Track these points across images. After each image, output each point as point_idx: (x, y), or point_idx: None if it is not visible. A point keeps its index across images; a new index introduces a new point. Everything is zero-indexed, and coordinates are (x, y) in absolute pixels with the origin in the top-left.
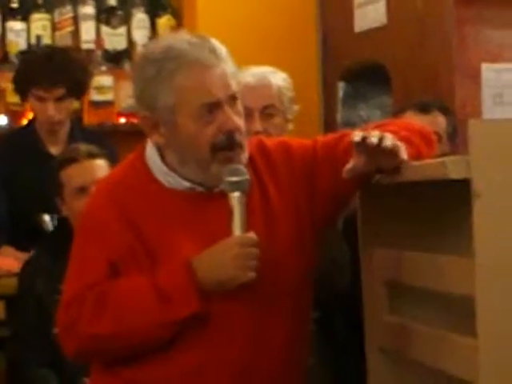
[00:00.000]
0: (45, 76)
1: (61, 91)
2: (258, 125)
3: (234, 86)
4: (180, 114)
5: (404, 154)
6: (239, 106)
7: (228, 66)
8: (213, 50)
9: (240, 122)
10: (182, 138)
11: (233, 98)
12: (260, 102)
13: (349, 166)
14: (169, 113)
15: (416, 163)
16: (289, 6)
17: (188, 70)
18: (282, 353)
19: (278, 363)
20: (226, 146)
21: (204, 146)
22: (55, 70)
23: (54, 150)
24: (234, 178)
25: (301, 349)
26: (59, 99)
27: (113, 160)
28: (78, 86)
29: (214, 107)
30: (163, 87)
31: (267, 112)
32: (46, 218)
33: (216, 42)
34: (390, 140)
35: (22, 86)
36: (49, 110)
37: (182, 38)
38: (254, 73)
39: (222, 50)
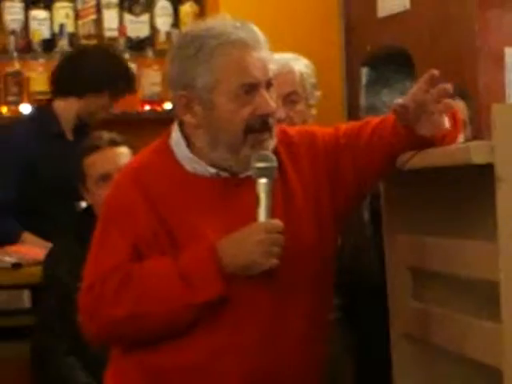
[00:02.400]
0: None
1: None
2: (281, 112)
3: (271, 72)
4: (218, 93)
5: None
6: (274, 92)
7: (266, 51)
8: (253, 33)
9: (275, 107)
10: (217, 117)
11: (270, 83)
12: (283, 88)
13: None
14: (207, 91)
15: (440, 149)
16: None
17: (230, 49)
18: (301, 341)
19: (298, 350)
20: (260, 128)
21: (238, 127)
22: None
23: None
24: (263, 164)
25: (321, 336)
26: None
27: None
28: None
29: (252, 88)
30: (203, 65)
31: (290, 99)
32: (83, 204)
33: (256, 28)
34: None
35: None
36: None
37: (225, 20)
38: (277, 60)
39: (262, 35)
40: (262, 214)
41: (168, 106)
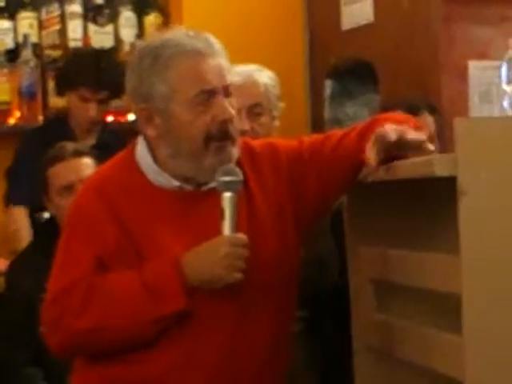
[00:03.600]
0: (93, 78)
1: (105, 94)
2: (245, 124)
3: (229, 79)
4: (175, 102)
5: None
6: (233, 100)
7: (224, 59)
8: (209, 42)
9: (234, 114)
10: (177, 127)
11: (228, 90)
12: (247, 100)
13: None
14: (164, 101)
15: (403, 161)
16: (275, 3)
17: (184, 58)
18: (264, 353)
19: (259, 363)
20: (220, 135)
21: (198, 136)
22: (103, 73)
23: None
24: (228, 178)
25: (283, 349)
26: (102, 101)
27: None
28: (120, 89)
29: (209, 95)
30: (159, 76)
31: (254, 111)
32: (46, 215)
33: (212, 37)
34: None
35: (67, 83)
36: (91, 111)
37: (179, 31)
38: (240, 71)
39: (218, 44)
40: (226, 228)
41: (131, 117)
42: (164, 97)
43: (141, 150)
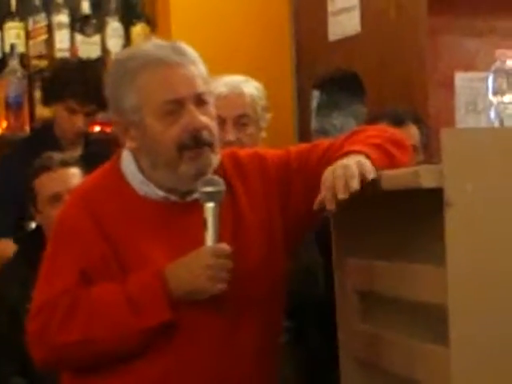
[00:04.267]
0: (81, 90)
1: (92, 106)
2: (231, 134)
3: (203, 88)
4: (145, 114)
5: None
6: (210, 107)
7: (196, 68)
8: (178, 51)
9: (209, 121)
10: (150, 138)
11: (200, 98)
12: (233, 111)
13: (319, 198)
14: (136, 113)
15: (389, 172)
16: (263, 14)
17: (151, 68)
18: (251, 365)
19: (246, 376)
20: (193, 144)
21: (170, 146)
22: (90, 85)
23: None
24: (209, 189)
25: (271, 360)
26: (89, 113)
27: None
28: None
29: (178, 105)
30: (128, 87)
31: (241, 121)
32: (32, 225)
33: (184, 45)
34: (355, 182)
35: (54, 94)
36: (78, 123)
37: (149, 42)
38: (227, 82)
39: (190, 52)
40: (209, 239)
41: None
42: (135, 109)
43: (126, 160)
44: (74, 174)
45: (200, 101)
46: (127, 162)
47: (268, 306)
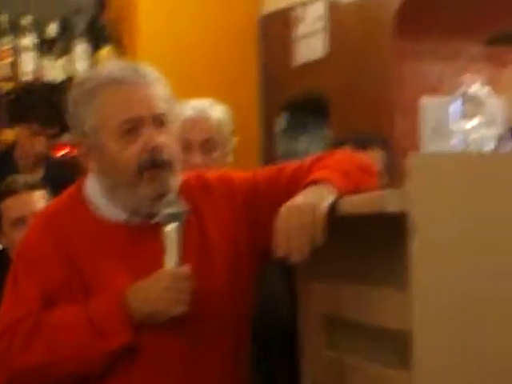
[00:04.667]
0: (44, 113)
1: (55, 129)
2: (198, 158)
3: (163, 108)
4: (103, 134)
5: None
6: (170, 128)
7: (157, 88)
8: (137, 72)
9: (168, 141)
10: (109, 159)
11: (160, 119)
12: (200, 135)
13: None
14: (94, 135)
15: (353, 197)
16: (230, 39)
17: (109, 88)
18: None
19: None
20: (151, 164)
21: (129, 167)
22: (54, 108)
23: None
24: (170, 210)
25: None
26: (51, 136)
27: None
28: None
29: (136, 125)
30: (87, 108)
31: (207, 145)
32: None
33: (145, 66)
34: (307, 247)
35: (18, 117)
36: (39, 146)
37: (109, 63)
38: (194, 106)
39: (151, 73)
40: (169, 261)
41: None
42: (93, 130)
43: (90, 183)
44: (39, 197)
45: (159, 121)
46: (91, 185)
47: (233, 330)
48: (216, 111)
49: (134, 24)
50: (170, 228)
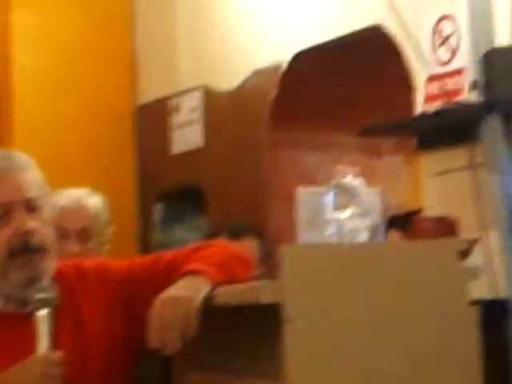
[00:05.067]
0: None
1: None
2: (74, 246)
3: (35, 193)
4: None
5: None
6: (43, 213)
7: (28, 174)
8: (7, 158)
9: (40, 226)
10: None
11: (31, 204)
12: (76, 224)
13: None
14: None
15: (228, 288)
16: (106, 128)
17: None
18: None
19: None
20: (23, 249)
21: (0, 252)
22: None
23: None
24: (41, 295)
25: None
26: None
27: None
28: None
29: (7, 210)
30: None
31: (84, 234)
32: None
33: (16, 152)
34: (178, 340)
35: None
36: None
37: None
38: (71, 195)
39: (24, 159)
40: (41, 347)
41: None
42: None
43: None
44: None
45: (31, 206)
46: None
47: None
48: (93, 201)
49: (10, 114)
50: (41, 314)
